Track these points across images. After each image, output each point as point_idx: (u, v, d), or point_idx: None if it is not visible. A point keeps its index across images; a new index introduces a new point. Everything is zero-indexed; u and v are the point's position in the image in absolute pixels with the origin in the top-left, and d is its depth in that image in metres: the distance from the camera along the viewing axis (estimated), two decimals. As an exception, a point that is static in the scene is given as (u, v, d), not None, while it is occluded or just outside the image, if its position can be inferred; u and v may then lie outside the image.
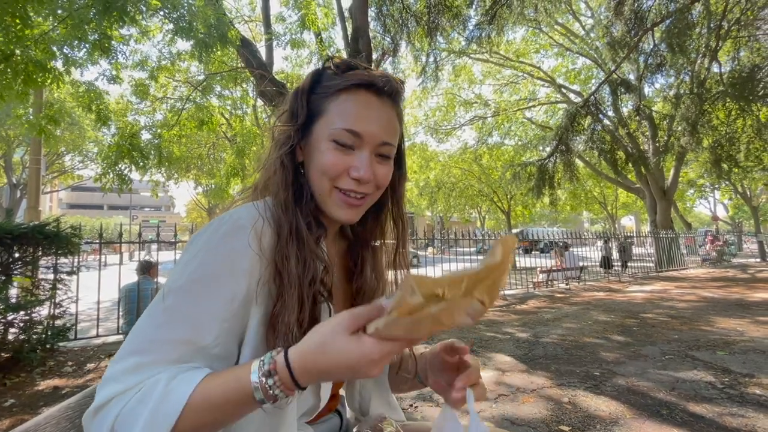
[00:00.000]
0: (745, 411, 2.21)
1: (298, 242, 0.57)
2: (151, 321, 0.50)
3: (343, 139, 0.58)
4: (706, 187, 22.43)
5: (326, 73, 0.62)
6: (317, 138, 0.60)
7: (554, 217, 34.23)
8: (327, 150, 0.58)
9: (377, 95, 0.60)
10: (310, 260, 0.57)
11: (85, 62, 5.55)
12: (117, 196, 7.85)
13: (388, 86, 0.60)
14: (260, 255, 0.53)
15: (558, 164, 8.23)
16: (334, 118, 0.58)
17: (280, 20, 8.57)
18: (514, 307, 5.98)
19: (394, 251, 0.71)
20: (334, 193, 0.60)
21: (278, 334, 0.53)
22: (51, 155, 17.33)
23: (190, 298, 0.50)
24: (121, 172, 6.76)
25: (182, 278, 0.51)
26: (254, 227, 0.54)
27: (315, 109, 0.61)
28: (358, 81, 0.59)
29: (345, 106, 0.58)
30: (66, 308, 3.65)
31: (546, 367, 3.08)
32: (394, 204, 0.70)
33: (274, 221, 0.57)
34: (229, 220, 0.55)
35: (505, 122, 15.90)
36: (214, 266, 0.51)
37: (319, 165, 0.59)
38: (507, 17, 6.86)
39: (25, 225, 3.34)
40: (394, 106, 0.62)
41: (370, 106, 0.59)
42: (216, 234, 0.53)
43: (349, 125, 0.57)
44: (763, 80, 7.75)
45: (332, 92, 0.59)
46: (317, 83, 0.62)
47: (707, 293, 6.85)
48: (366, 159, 0.58)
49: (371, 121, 0.58)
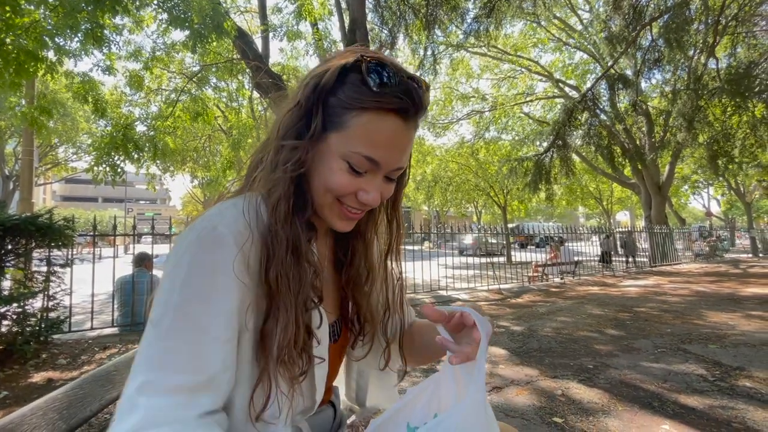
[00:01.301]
0: (735, 403, 2.25)
1: (296, 257, 0.54)
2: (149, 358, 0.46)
3: (359, 164, 0.53)
4: (700, 183, 22.58)
5: (352, 77, 0.53)
6: (329, 151, 0.54)
7: (550, 212, 34.37)
8: (338, 170, 0.54)
9: (404, 120, 0.53)
10: (304, 272, 0.55)
11: (78, 52, 5.46)
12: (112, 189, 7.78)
13: (419, 110, 0.55)
14: (246, 282, 0.50)
15: (555, 159, 8.25)
16: (354, 140, 0.52)
17: (276, 11, 8.48)
18: (509, 301, 6.02)
19: (387, 250, 0.69)
20: (335, 205, 0.57)
21: (270, 355, 0.51)
22: (44, 147, 17.13)
23: (185, 325, 0.46)
24: (114, 163, 6.69)
25: (169, 305, 0.47)
26: (238, 244, 0.49)
27: (332, 116, 0.53)
28: (390, 107, 0.52)
29: (369, 130, 0.52)
30: (60, 300, 3.63)
31: (540, 359, 3.11)
32: (391, 204, 0.68)
33: (267, 234, 0.53)
34: (206, 233, 0.49)
35: (503, 117, 15.88)
36: (202, 285, 0.48)
37: (325, 181, 0.55)
38: (505, 10, 6.83)
39: (17, 216, 3.30)
40: (415, 126, 0.57)
41: (395, 134, 0.53)
42: (195, 253, 0.49)
43: (369, 153, 0.53)
44: (760, 77, 7.77)
45: (357, 107, 0.52)
46: (341, 85, 0.53)
47: (700, 288, 6.92)
48: (377, 185, 0.56)
49: (392, 150, 0.54)
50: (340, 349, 0.69)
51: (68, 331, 3.82)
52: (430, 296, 6.29)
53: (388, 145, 0.53)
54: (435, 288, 7.06)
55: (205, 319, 0.47)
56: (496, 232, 11.52)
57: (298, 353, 0.53)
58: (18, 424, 0.47)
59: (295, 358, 0.53)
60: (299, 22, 7.00)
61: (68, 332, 3.84)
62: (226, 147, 11.11)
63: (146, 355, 0.46)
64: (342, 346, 0.70)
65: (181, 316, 0.46)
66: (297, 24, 7.22)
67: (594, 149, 9.33)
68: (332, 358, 0.64)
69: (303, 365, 0.54)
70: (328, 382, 0.66)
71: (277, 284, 0.51)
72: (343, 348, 0.70)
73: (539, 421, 2.09)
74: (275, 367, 0.52)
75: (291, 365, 0.52)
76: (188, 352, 0.46)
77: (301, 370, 0.54)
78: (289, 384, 0.54)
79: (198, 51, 5.83)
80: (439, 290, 6.88)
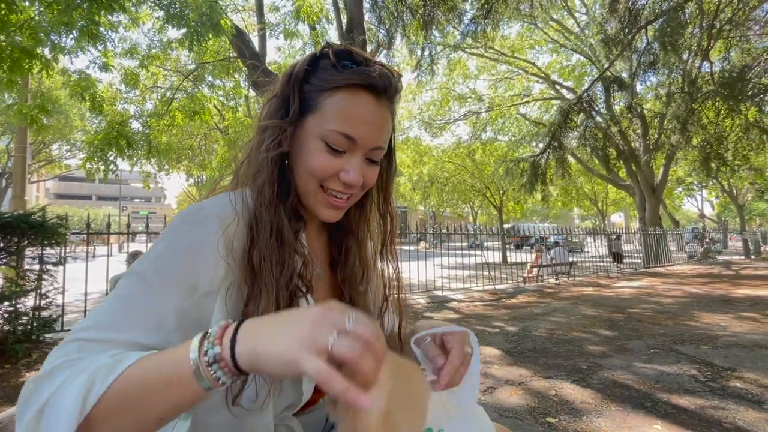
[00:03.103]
0: (726, 404, 2.27)
1: (279, 242, 0.55)
2: (111, 305, 0.48)
3: (337, 142, 0.55)
4: (693, 185, 22.77)
5: (323, 63, 0.58)
6: (306, 134, 0.57)
7: (545, 213, 34.50)
8: (317, 150, 0.56)
9: (376, 97, 0.56)
10: (288, 258, 0.55)
11: (74, 49, 5.42)
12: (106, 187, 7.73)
13: (388, 88, 0.57)
14: (229, 263, 0.52)
15: (551, 161, 8.28)
16: (329, 118, 0.55)
17: (273, 10, 8.45)
18: (504, 302, 6.04)
19: (382, 245, 0.70)
20: (319, 193, 0.58)
21: None
22: (37, 144, 16.97)
23: (148, 286, 0.49)
24: (107, 159, 6.65)
25: (143, 265, 0.50)
26: (222, 225, 0.52)
27: (307, 101, 0.57)
28: (358, 82, 0.55)
29: (341, 107, 0.55)
30: (52, 299, 3.60)
31: (534, 360, 3.12)
32: (382, 198, 0.69)
33: (251, 215, 0.55)
34: (193, 211, 0.53)
35: (499, 118, 15.92)
36: (175, 256, 0.50)
37: (307, 165, 0.57)
38: (503, 12, 6.84)
39: (9, 214, 3.27)
40: (390, 106, 0.59)
41: (367, 109, 0.56)
42: (181, 226, 0.52)
43: (345, 129, 0.55)
44: (753, 80, 7.85)
45: (329, 88, 0.55)
46: (312, 72, 0.58)
47: (692, 289, 6.98)
48: (357, 164, 0.57)
49: (367, 126, 0.56)
50: None
51: (60, 330, 3.78)
52: (426, 296, 6.30)
53: (362, 121, 0.55)
54: (430, 288, 7.07)
55: (170, 287, 0.49)
56: (492, 232, 11.51)
57: None
58: (7, 424, 0.47)
59: None
60: (297, 22, 6.99)
61: (60, 331, 3.80)
62: (222, 146, 11.07)
63: (102, 308, 0.48)
64: None
65: (145, 282, 0.49)
66: (295, 24, 7.20)
67: (589, 151, 9.39)
68: None
69: None
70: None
71: (260, 267, 0.52)
72: None
73: (532, 421, 2.11)
74: None
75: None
76: (147, 306, 0.47)
77: None
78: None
79: (194, 49, 5.80)
80: (435, 290, 6.89)
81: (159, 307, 0.48)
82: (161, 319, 0.48)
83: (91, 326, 0.46)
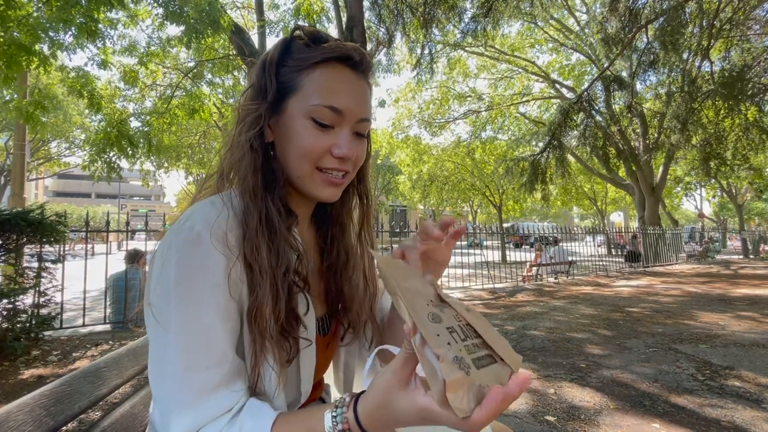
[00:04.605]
0: (724, 402, 2.27)
1: (269, 231, 0.54)
2: (173, 365, 0.48)
3: (323, 116, 0.55)
4: (692, 185, 22.80)
5: (296, 44, 0.58)
6: (291, 116, 0.56)
7: (545, 213, 34.53)
8: (305, 129, 0.55)
9: (353, 70, 0.57)
10: (282, 250, 0.55)
11: (73, 46, 5.39)
12: (105, 185, 7.71)
13: (362, 60, 0.58)
14: (228, 255, 0.51)
15: (550, 160, 8.28)
16: (311, 94, 0.55)
17: (273, 8, 8.43)
18: (503, 300, 6.05)
19: (359, 227, 0.70)
20: (315, 173, 0.57)
21: (255, 328, 0.51)
22: (36, 141, 16.93)
23: (193, 324, 0.48)
24: (110, 160, 6.63)
25: (171, 323, 0.48)
26: (212, 230, 0.50)
27: (286, 83, 0.56)
28: (335, 54, 0.55)
29: (322, 81, 0.55)
30: (51, 297, 3.59)
31: (533, 359, 3.13)
32: (359, 180, 0.69)
33: (241, 211, 0.54)
34: (187, 231, 0.50)
35: (499, 117, 15.91)
36: (195, 283, 0.49)
37: (298, 146, 0.56)
38: (503, 10, 6.82)
39: (8, 211, 3.26)
40: (366, 81, 0.60)
41: (348, 80, 0.56)
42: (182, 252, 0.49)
43: (330, 102, 0.54)
44: (752, 80, 7.85)
45: (306, 65, 0.55)
46: (287, 54, 0.57)
47: (691, 288, 6.99)
48: (347, 136, 0.57)
49: (351, 97, 0.56)
50: (329, 342, 0.69)
51: (59, 327, 3.78)
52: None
53: (344, 92, 0.56)
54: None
55: (209, 315, 0.49)
56: (491, 231, 11.52)
57: (283, 335, 0.53)
58: (4, 421, 0.46)
59: (281, 339, 0.53)
60: (296, 20, 6.96)
61: (59, 329, 3.80)
62: (221, 143, 11.03)
63: (171, 367, 0.48)
64: (332, 340, 0.70)
65: (184, 320, 0.48)
66: (295, 22, 7.18)
67: (589, 150, 9.39)
68: (321, 350, 0.64)
69: (290, 349, 0.55)
70: (317, 375, 0.66)
71: (254, 257, 0.52)
72: (333, 342, 0.70)
73: (532, 420, 2.11)
74: (262, 343, 0.52)
75: (277, 345, 0.53)
76: (204, 350, 0.48)
77: (288, 355, 0.54)
78: (277, 365, 0.54)
79: (193, 47, 5.78)
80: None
81: (211, 343, 0.49)
82: (222, 349, 0.50)
83: (174, 401, 0.48)
